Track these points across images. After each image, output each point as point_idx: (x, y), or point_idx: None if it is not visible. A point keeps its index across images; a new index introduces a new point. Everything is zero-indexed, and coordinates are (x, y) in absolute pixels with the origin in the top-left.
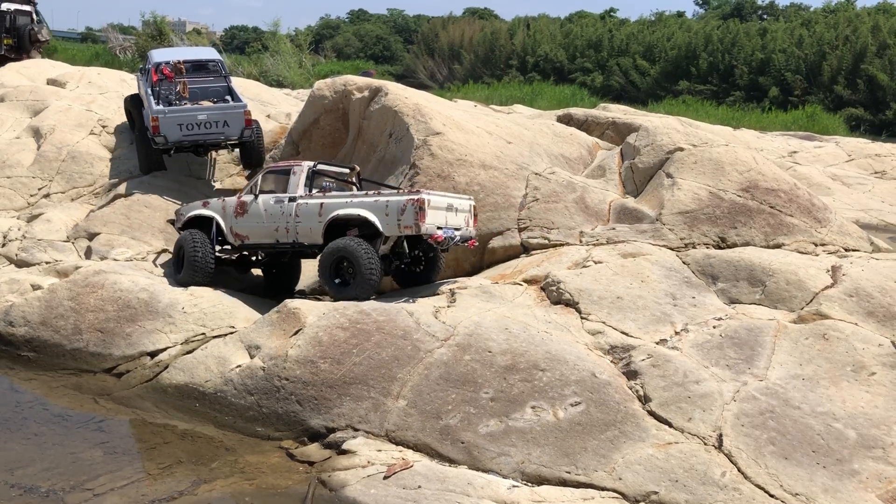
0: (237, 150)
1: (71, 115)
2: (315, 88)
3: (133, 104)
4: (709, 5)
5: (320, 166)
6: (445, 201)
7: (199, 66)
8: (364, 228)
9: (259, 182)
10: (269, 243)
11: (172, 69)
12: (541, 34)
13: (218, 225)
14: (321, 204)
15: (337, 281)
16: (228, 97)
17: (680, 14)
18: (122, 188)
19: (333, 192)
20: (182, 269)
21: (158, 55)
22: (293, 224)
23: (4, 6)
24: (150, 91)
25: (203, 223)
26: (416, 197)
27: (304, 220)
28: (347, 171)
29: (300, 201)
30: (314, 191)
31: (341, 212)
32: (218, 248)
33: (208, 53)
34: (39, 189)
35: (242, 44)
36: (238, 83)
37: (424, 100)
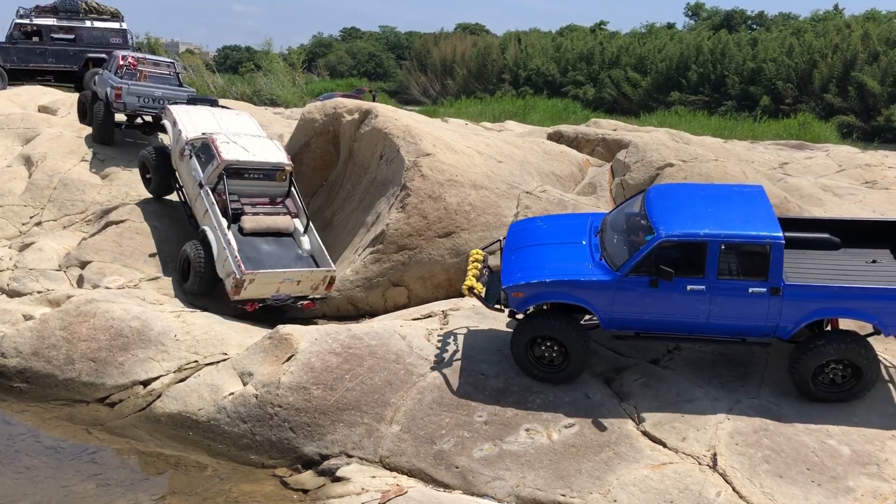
0: None
1: (62, 143)
2: (305, 112)
3: (90, 98)
4: (699, 17)
5: (235, 165)
6: (282, 276)
7: (157, 65)
8: None
9: (198, 145)
10: (186, 202)
11: (136, 61)
12: (532, 48)
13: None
14: (205, 210)
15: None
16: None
17: (670, 26)
18: (113, 215)
19: (233, 196)
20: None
21: (123, 52)
22: (195, 203)
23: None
24: (114, 74)
25: None
26: (237, 275)
27: (198, 208)
28: (266, 168)
29: (202, 192)
30: (221, 184)
31: (208, 231)
32: None
33: (166, 59)
34: (31, 217)
35: (236, 63)
36: (228, 105)
37: (414, 121)
